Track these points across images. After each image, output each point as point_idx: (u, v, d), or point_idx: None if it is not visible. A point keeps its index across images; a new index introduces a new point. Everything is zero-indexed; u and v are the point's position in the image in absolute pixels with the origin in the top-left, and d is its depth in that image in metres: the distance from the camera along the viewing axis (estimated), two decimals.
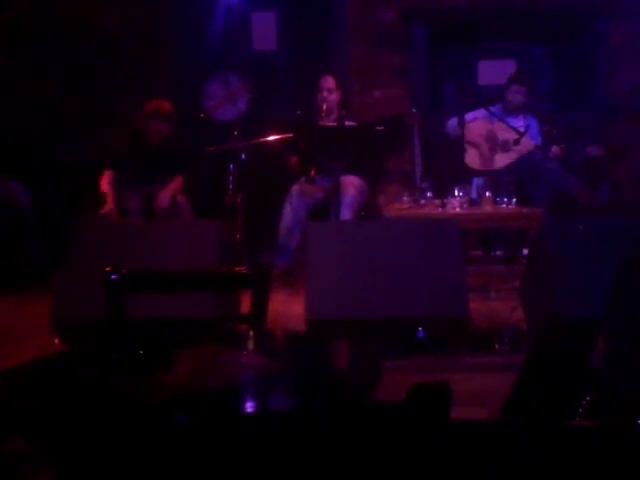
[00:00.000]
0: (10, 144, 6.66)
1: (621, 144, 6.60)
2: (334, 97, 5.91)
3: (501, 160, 6.04)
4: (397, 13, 6.97)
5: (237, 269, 3.66)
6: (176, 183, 5.72)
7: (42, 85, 6.88)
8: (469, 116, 6.10)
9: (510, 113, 6.20)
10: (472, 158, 6.08)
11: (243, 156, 5.98)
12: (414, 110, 6.29)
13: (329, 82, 5.92)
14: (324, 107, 5.83)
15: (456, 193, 5.14)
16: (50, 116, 6.86)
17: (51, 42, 6.89)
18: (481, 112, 6.23)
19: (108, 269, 2.27)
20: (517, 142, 5.94)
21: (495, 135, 6.09)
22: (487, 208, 5.18)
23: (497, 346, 3.90)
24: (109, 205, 5.49)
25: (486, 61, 7.25)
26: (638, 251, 2.10)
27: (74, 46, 6.90)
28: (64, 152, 6.73)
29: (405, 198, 5.38)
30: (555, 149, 5.99)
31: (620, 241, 2.60)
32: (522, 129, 6.02)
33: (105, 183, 5.57)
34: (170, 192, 5.65)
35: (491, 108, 6.15)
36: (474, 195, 5.51)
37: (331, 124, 5.74)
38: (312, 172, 5.51)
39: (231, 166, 5.96)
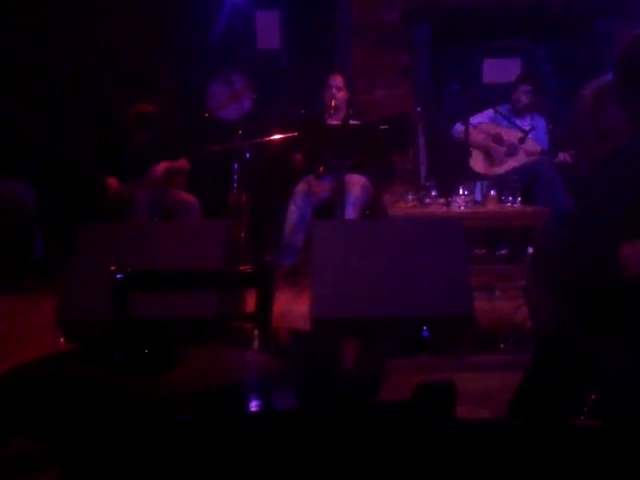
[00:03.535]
0: (13, 143, 6.67)
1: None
2: (342, 95, 5.96)
3: (507, 164, 6.02)
4: (401, 12, 6.96)
5: (242, 268, 3.66)
6: (178, 162, 5.88)
7: (44, 85, 6.89)
8: (474, 119, 6.07)
9: (518, 113, 6.18)
10: (477, 162, 6.07)
11: (247, 155, 6.00)
12: (419, 109, 6.28)
13: (338, 80, 5.98)
14: (333, 104, 5.86)
15: (461, 192, 5.13)
16: (53, 116, 6.86)
17: (53, 42, 6.90)
18: (487, 114, 6.21)
19: (113, 268, 2.27)
20: (522, 140, 5.92)
21: (501, 139, 6.06)
22: (491, 207, 5.17)
23: (502, 345, 3.89)
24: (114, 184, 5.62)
25: (491, 59, 7.24)
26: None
27: (77, 45, 6.90)
28: (67, 151, 6.74)
29: (410, 197, 5.37)
30: (563, 156, 5.93)
31: None
32: (527, 127, 6.00)
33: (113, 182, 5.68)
34: (167, 164, 5.76)
35: (498, 108, 6.14)
36: (478, 197, 5.50)
37: (336, 123, 5.75)
38: (321, 168, 5.54)
39: (235, 165, 5.98)
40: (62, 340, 3.64)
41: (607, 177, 2.06)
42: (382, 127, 5.52)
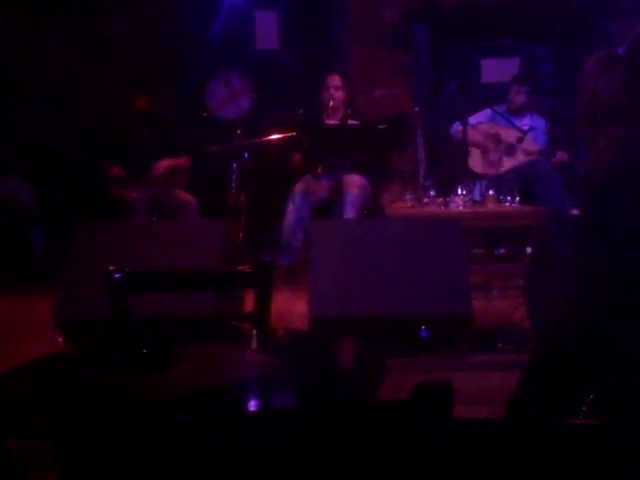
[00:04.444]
0: (12, 142, 6.66)
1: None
2: (340, 95, 5.96)
3: (505, 164, 6.02)
4: (400, 11, 6.95)
5: (240, 268, 3.66)
6: (179, 160, 5.89)
7: (44, 84, 6.89)
8: (473, 119, 6.07)
9: (515, 113, 6.19)
10: (476, 162, 6.07)
11: (246, 155, 5.99)
12: (417, 109, 6.28)
13: (336, 80, 5.98)
14: (331, 104, 5.86)
15: (459, 192, 5.13)
16: (53, 115, 6.86)
17: (53, 42, 6.89)
18: (485, 114, 6.22)
19: (111, 268, 2.28)
20: (520, 140, 5.92)
21: (500, 138, 6.07)
22: (490, 206, 5.18)
23: (500, 345, 3.90)
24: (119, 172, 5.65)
25: (489, 59, 7.24)
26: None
27: (77, 45, 6.90)
28: (66, 150, 6.74)
29: (408, 197, 5.37)
30: (560, 155, 5.93)
31: None
32: (526, 127, 6.00)
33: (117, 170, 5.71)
34: (168, 162, 5.78)
35: (496, 107, 6.15)
36: (477, 197, 5.51)
37: (334, 123, 5.75)
38: (319, 169, 5.54)
39: (234, 165, 5.97)
40: (61, 340, 3.65)
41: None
42: (380, 127, 5.52)
